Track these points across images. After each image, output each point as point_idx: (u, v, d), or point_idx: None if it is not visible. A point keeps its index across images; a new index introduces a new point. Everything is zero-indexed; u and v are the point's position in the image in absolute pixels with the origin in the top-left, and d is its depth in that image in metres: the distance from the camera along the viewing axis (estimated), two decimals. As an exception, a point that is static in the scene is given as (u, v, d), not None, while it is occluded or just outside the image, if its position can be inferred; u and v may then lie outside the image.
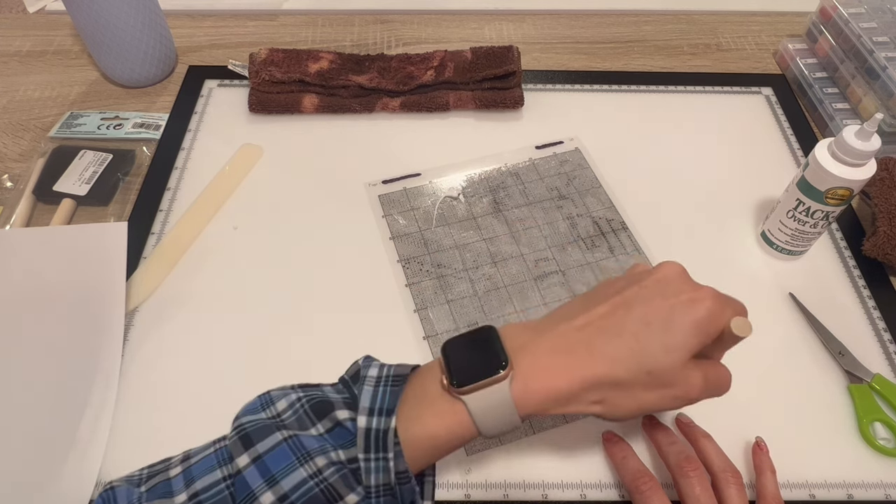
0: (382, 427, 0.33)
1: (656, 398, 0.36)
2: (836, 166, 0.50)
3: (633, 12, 0.84)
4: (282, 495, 0.32)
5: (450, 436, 0.35)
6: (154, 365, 0.51)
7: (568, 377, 0.35)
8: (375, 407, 0.34)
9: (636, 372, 0.35)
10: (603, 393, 0.36)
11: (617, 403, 0.36)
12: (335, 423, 0.35)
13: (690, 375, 0.36)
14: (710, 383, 0.37)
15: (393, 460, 0.33)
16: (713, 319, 0.36)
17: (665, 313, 0.36)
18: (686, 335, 0.35)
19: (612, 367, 0.35)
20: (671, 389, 0.36)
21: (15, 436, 0.46)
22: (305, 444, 0.33)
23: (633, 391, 0.35)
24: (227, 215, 0.60)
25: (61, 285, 0.52)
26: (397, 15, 0.82)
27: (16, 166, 0.64)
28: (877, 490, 0.46)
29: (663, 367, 0.35)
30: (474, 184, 0.63)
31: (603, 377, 0.35)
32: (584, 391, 0.35)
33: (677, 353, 0.35)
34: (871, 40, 0.66)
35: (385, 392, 0.35)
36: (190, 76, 0.73)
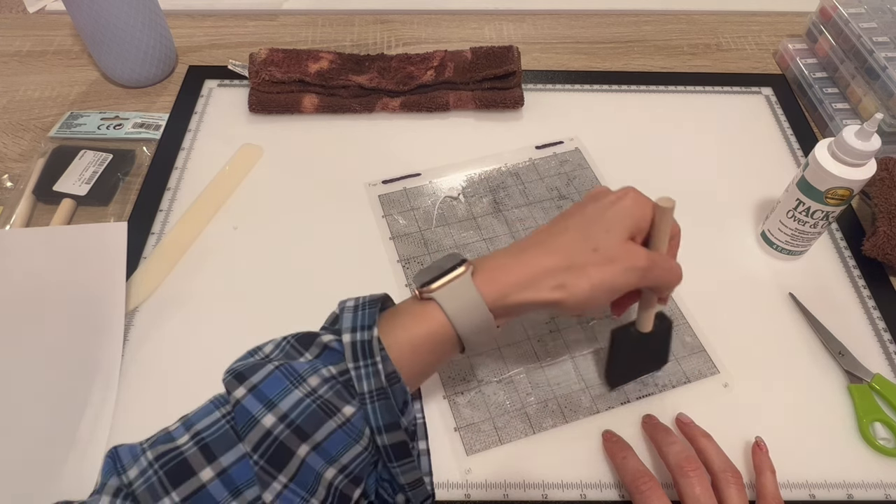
0: (366, 337, 0.36)
1: (609, 273, 0.39)
2: (836, 166, 0.50)
3: (633, 12, 0.84)
4: (282, 415, 0.33)
5: (429, 335, 0.38)
6: (154, 365, 0.51)
7: (526, 266, 0.40)
8: (357, 325, 0.37)
9: (584, 252, 0.39)
10: (560, 278, 0.39)
11: (574, 284, 0.39)
12: (322, 347, 0.37)
13: (633, 249, 0.40)
14: (655, 260, 0.41)
15: (381, 363, 0.36)
16: (638, 203, 0.41)
17: (599, 210, 0.41)
18: (620, 217, 0.41)
19: (564, 253, 0.40)
20: (619, 262, 0.39)
21: (15, 436, 0.46)
22: (297, 369, 0.35)
23: (585, 270, 0.39)
24: (227, 215, 0.60)
25: (61, 285, 0.52)
26: (397, 15, 0.82)
27: (16, 166, 0.64)
28: (877, 490, 0.46)
29: (606, 242, 0.40)
30: (474, 184, 0.63)
31: (556, 264, 0.39)
32: (542, 277, 0.39)
33: (615, 231, 0.40)
34: (871, 40, 0.66)
35: (364, 313, 0.38)
36: (190, 76, 0.73)
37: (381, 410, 0.35)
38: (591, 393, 0.50)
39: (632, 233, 0.41)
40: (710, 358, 0.52)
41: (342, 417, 0.35)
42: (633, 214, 0.41)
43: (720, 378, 0.51)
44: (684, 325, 0.54)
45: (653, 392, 0.50)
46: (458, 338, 0.39)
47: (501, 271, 0.39)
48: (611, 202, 0.41)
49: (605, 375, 0.50)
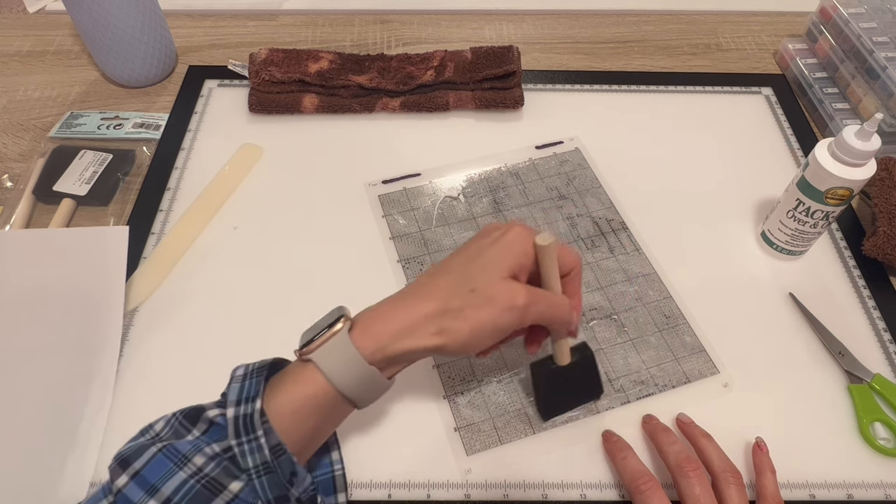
0: (248, 411, 0.36)
1: (487, 314, 0.38)
2: (836, 166, 0.50)
3: (633, 12, 0.84)
4: (164, 500, 0.33)
5: (311, 398, 0.37)
6: (154, 365, 0.51)
7: (404, 314, 0.39)
8: (242, 397, 0.36)
9: (461, 295, 0.39)
10: (439, 323, 0.38)
11: (454, 328, 0.38)
12: (208, 423, 0.37)
13: (512, 287, 0.39)
14: (537, 298, 0.40)
15: (264, 437, 0.35)
16: (520, 239, 0.40)
17: (480, 249, 0.41)
18: (499, 255, 0.40)
19: (440, 299, 0.39)
20: (497, 303, 0.38)
21: (13, 436, 0.46)
22: (180, 449, 0.35)
23: (463, 312, 0.38)
24: (227, 215, 0.60)
25: (61, 287, 0.52)
26: (397, 15, 0.82)
27: (16, 166, 0.64)
28: (877, 490, 0.46)
29: (483, 282, 0.39)
30: (474, 184, 0.63)
31: (434, 309, 0.39)
32: (421, 324, 0.38)
33: (493, 269, 0.39)
34: (871, 40, 0.66)
35: (251, 383, 0.37)
36: (190, 76, 0.73)
37: (269, 484, 0.35)
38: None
39: (512, 270, 0.40)
40: (710, 358, 0.52)
41: (229, 494, 0.34)
42: (513, 251, 0.40)
43: (720, 378, 0.51)
44: (684, 325, 0.54)
45: (653, 392, 0.50)
46: (344, 395, 0.38)
47: (379, 322, 0.39)
48: (493, 239, 0.41)
49: (538, 409, 0.49)
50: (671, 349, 0.52)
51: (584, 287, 0.56)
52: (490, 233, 0.42)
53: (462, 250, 0.42)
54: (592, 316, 0.54)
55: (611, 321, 0.54)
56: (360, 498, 0.45)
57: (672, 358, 0.52)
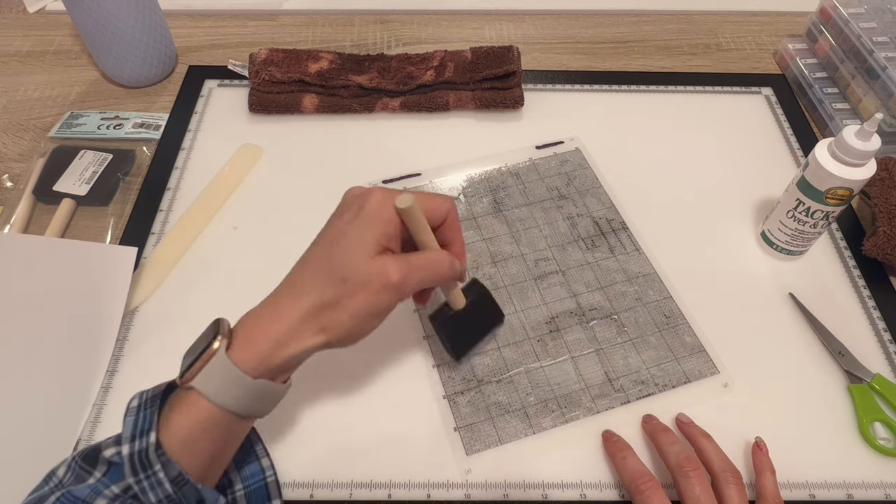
0: (143, 446, 0.34)
1: (363, 300, 0.37)
2: (836, 166, 0.50)
3: (633, 12, 0.84)
4: None
5: (199, 424, 0.35)
6: (153, 365, 0.51)
7: (281, 318, 0.37)
8: (136, 432, 0.35)
9: (333, 286, 0.37)
10: (318, 320, 0.37)
11: (336, 323, 0.37)
12: (108, 464, 0.35)
13: (382, 265, 0.37)
14: (411, 266, 0.38)
15: (162, 471, 0.34)
16: (379, 209, 0.38)
17: (341, 227, 0.39)
18: (361, 232, 0.37)
19: (313, 294, 0.37)
20: (370, 286, 0.37)
21: (9, 437, 0.46)
22: (77, 495, 0.34)
23: (341, 304, 0.37)
24: (227, 215, 0.60)
25: (62, 297, 0.52)
26: (397, 15, 0.82)
27: (16, 166, 0.64)
28: (877, 490, 0.46)
29: (351, 268, 0.37)
30: (474, 184, 0.63)
31: (309, 307, 0.37)
32: (299, 326, 0.37)
33: (359, 250, 0.37)
34: (871, 40, 0.66)
35: (145, 415, 0.35)
36: (190, 76, 0.73)
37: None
38: (591, 393, 0.50)
39: (380, 245, 0.38)
40: (710, 358, 0.52)
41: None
42: (375, 224, 0.38)
43: (720, 378, 0.51)
44: (684, 325, 0.54)
45: (653, 392, 0.50)
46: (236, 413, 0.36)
47: (257, 333, 0.37)
48: (353, 214, 0.38)
49: (450, 356, 0.50)
50: (671, 349, 0.52)
51: (584, 287, 0.56)
52: (349, 207, 0.39)
53: (324, 232, 0.40)
54: (592, 316, 0.54)
55: (611, 321, 0.54)
56: (360, 498, 0.45)
57: (672, 358, 0.52)
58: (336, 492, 0.45)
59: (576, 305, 0.55)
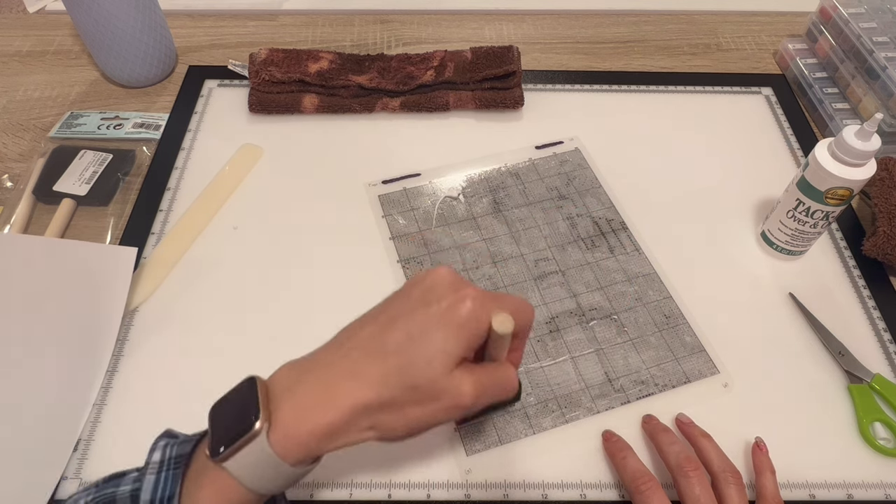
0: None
1: (427, 413, 0.34)
2: (836, 166, 0.50)
3: (633, 12, 0.84)
4: None
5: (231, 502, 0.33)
6: (153, 364, 0.51)
7: (332, 412, 0.33)
8: (157, 497, 0.33)
9: (402, 389, 0.33)
10: (373, 418, 0.34)
11: (390, 426, 0.34)
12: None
13: (459, 384, 0.34)
14: (485, 388, 0.35)
15: None
16: (474, 320, 0.34)
17: (426, 323, 0.34)
18: (447, 341, 0.33)
19: (377, 390, 0.33)
20: (440, 402, 0.33)
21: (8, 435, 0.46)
22: None
23: (403, 410, 0.34)
24: (227, 215, 0.60)
25: (61, 299, 0.52)
26: (397, 15, 0.82)
27: (16, 166, 0.64)
28: (877, 490, 0.46)
29: (427, 378, 0.33)
30: (474, 184, 0.63)
31: (369, 403, 0.33)
32: (352, 421, 0.33)
33: (439, 362, 0.33)
34: (871, 40, 0.66)
35: (167, 477, 0.33)
36: (190, 76, 0.73)
37: None
38: (591, 393, 0.50)
39: (461, 358, 0.34)
40: (710, 358, 0.52)
41: None
42: (463, 334, 0.34)
43: (720, 378, 0.51)
44: (684, 325, 0.54)
45: (653, 392, 0.50)
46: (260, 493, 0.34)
47: (304, 423, 0.33)
48: (440, 314, 0.34)
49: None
50: (671, 349, 0.52)
51: (584, 287, 0.56)
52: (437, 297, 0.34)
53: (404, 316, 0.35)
54: (592, 316, 0.54)
55: (611, 321, 0.54)
56: (360, 498, 0.45)
57: (672, 358, 0.52)
58: (336, 492, 0.45)
59: (576, 305, 0.55)
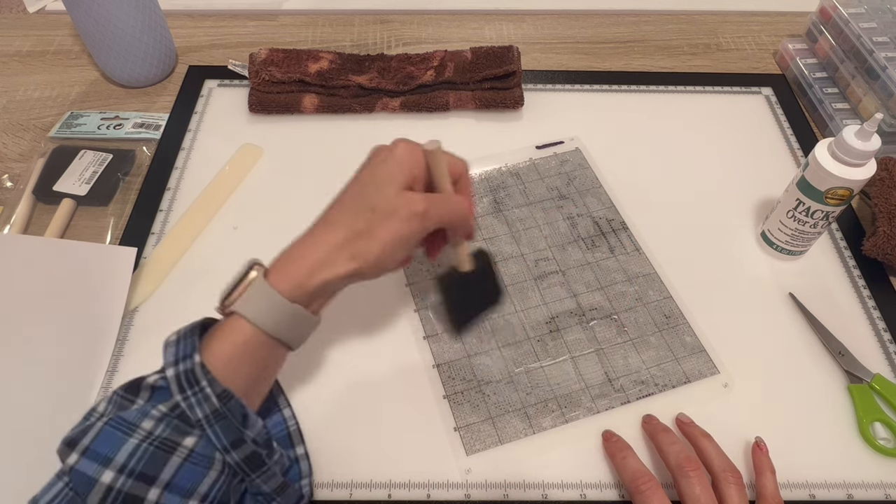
0: (188, 366, 0.36)
1: (391, 227, 0.40)
2: (836, 166, 0.50)
3: (633, 12, 0.84)
4: (120, 467, 0.33)
5: (240, 346, 0.38)
6: (153, 364, 0.50)
7: (314, 248, 0.40)
8: (178, 357, 0.37)
9: (363, 215, 0.40)
10: (350, 248, 0.40)
11: (366, 249, 0.40)
12: (150, 390, 0.37)
13: (407, 196, 0.41)
14: (434, 202, 0.42)
15: (209, 386, 0.35)
16: (408, 152, 0.42)
17: (371, 171, 0.42)
18: (390, 171, 0.41)
19: (345, 224, 0.41)
20: (397, 214, 0.40)
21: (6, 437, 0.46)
22: (126, 418, 0.35)
23: (372, 232, 0.40)
24: (227, 215, 0.60)
25: (61, 299, 0.52)
26: (397, 15, 0.82)
27: (16, 166, 0.64)
28: (877, 490, 0.46)
29: (381, 200, 0.40)
30: (474, 184, 0.63)
31: (342, 235, 0.40)
32: (332, 253, 0.40)
33: (387, 185, 0.41)
34: (871, 40, 0.66)
35: (185, 343, 0.37)
36: (190, 76, 0.73)
37: (223, 430, 0.35)
38: (591, 393, 0.50)
39: (406, 183, 0.41)
40: (710, 358, 0.52)
41: (185, 450, 0.35)
42: (403, 164, 0.42)
43: (720, 378, 0.51)
44: (684, 325, 0.54)
45: (653, 392, 0.50)
46: (275, 338, 0.39)
47: (291, 262, 0.40)
48: (381, 160, 0.42)
49: (449, 326, 0.52)
50: (671, 349, 0.52)
51: (584, 287, 0.56)
52: (378, 154, 0.43)
53: (354, 178, 0.43)
54: (592, 316, 0.54)
55: (611, 321, 0.54)
56: (360, 498, 0.45)
57: (672, 358, 0.52)
58: (336, 492, 0.45)
59: (576, 305, 0.55)
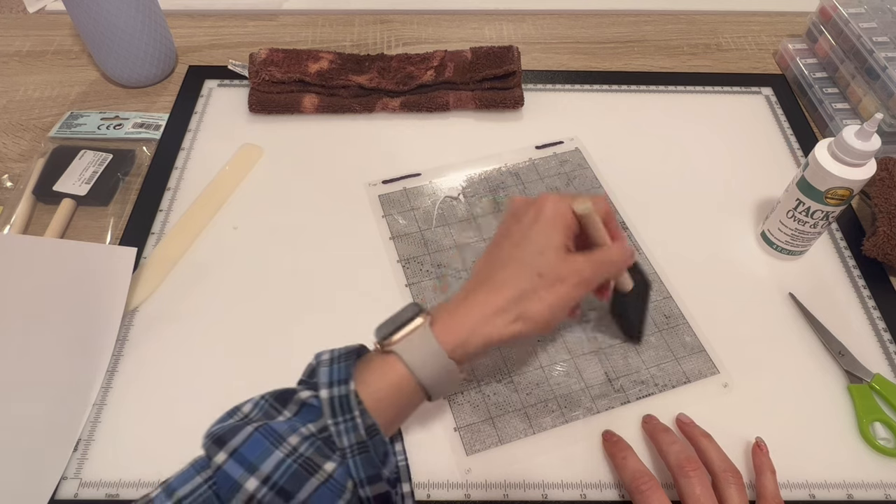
0: (343, 392, 0.36)
1: (561, 293, 0.41)
2: (836, 166, 0.50)
3: (633, 12, 0.84)
4: (265, 478, 0.33)
5: (392, 387, 0.38)
6: (153, 364, 0.51)
7: (479, 308, 0.40)
8: (333, 379, 0.37)
9: (530, 277, 0.41)
10: (515, 310, 0.40)
11: (531, 312, 0.40)
12: (300, 405, 0.37)
13: (574, 263, 0.41)
14: (598, 262, 0.42)
15: (360, 417, 0.36)
16: (559, 212, 0.42)
17: (523, 231, 0.43)
18: (546, 234, 0.42)
19: (512, 286, 0.41)
20: (567, 281, 0.41)
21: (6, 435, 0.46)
22: (276, 429, 0.35)
23: (538, 295, 0.40)
24: (227, 215, 0.60)
25: (61, 299, 0.52)
26: (397, 15, 0.82)
27: (16, 166, 0.64)
28: (877, 490, 0.46)
29: (547, 265, 0.41)
30: (474, 184, 0.63)
31: (510, 296, 0.40)
32: (498, 313, 0.40)
33: (550, 251, 0.41)
34: (871, 40, 0.66)
35: (340, 367, 0.38)
36: (190, 76, 0.73)
37: (363, 463, 0.36)
38: (591, 393, 0.50)
39: (565, 245, 0.42)
40: (710, 358, 0.52)
41: (324, 474, 0.35)
42: (557, 225, 0.42)
43: (720, 378, 0.51)
44: (684, 325, 0.54)
45: (653, 392, 0.50)
46: (423, 387, 0.39)
47: (457, 318, 0.40)
48: (532, 219, 0.42)
49: (629, 338, 0.52)
50: (671, 349, 0.52)
51: (584, 287, 0.56)
52: (526, 212, 0.43)
53: (505, 236, 0.43)
54: (592, 316, 0.54)
55: (611, 321, 0.54)
56: (360, 498, 0.45)
57: (672, 358, 0.52)
58: (336, 492, 0.45)
59: (576, 305, 0.55)
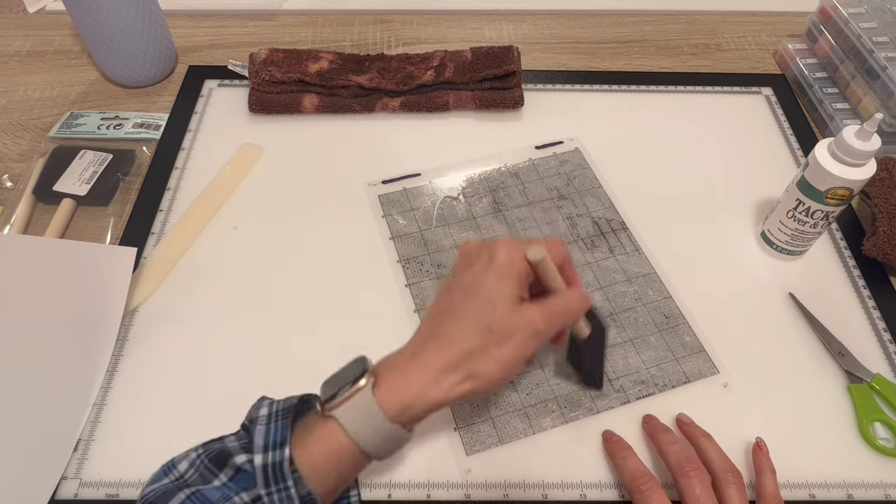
0: (277, 459, 0.35)
1: (511, 349, 0.38)
2: (836, 166, 0.50)
3: (633, 12, 0.84)
4: None
5: (332, 454, 0.36)
6: (153, 364, 0.51)
7: (426, 367, 0.38)
8: (269, 442, 0.35)
9: (479, 334, 0.38)
10: (465, 369, 0.38)
11: (481, 370, 0.38)
12: (235, 469, 0.36)
13: (526, 314, 0.39)
14: (552, 312, 0.40)
15: (294, 487, 0.34)
16: (512, 262, 0.39)
17: (474, 278, 0.40)
18: (499, 284, 0.39)
19: (461, 342, 0.38)
20: (518, 335, 0.38)
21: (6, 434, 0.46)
22: (209, 497, 0.34)
23: (488, 353, 0.38)
24: (227, 215, 0.60)
25: (61, 299, 0.52)
26: (397, 15, 0.82)
27: (16, 166, 0.64)
28: (877, 490, 0.46)
29: (498, 318, 0.38)
30: (474, 184, 0.63)
31: (456, 355, 0.38)
32: (445, 374, 0.37)
33: (501, 303, 0.38)
34: (871, 40, 0.66)
35: (277, 427, 0.36)
36: (190, 76, 0.73)
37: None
38: (591, 393, 0.50)
39: (518, 294, 0.39)
40: (710, 358, 0.52)
41: None
42: (510, 274, 0.39)
43: (720, 378, 0.51)
44: (684, 325, 0.54)
45: (653, 392, 0.50)
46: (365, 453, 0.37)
47: (403, 379, 0.37)
48: (484, 268, 0.40)
49: (588, 386, 0.50)
50: (671, 349, 0.52)
51: (584, 287, 0.56)
52: (478, 257, 0.40)
53: (456, 285, 0.41)
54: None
55: (610, 321, 0.54)
56: (360, 498, 0.45)
57: (672, 358, 0.52)
58: (336, 492, 0.45)
59: (576, 305, 0.55)
